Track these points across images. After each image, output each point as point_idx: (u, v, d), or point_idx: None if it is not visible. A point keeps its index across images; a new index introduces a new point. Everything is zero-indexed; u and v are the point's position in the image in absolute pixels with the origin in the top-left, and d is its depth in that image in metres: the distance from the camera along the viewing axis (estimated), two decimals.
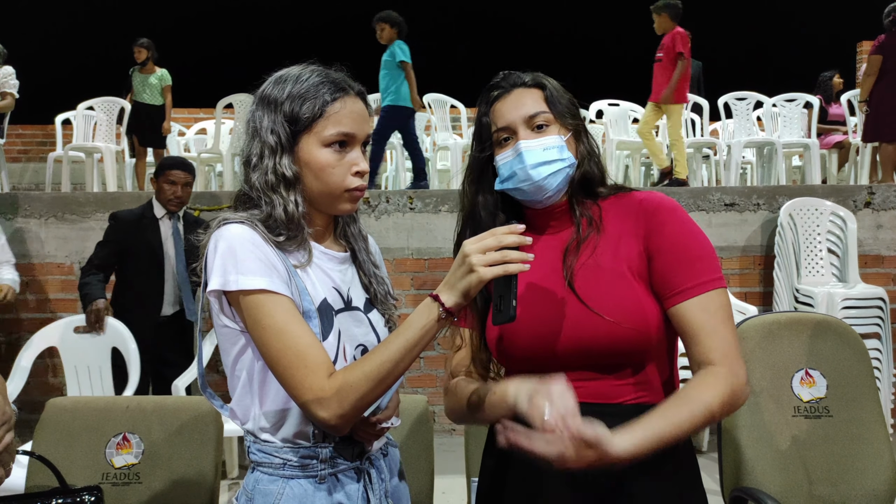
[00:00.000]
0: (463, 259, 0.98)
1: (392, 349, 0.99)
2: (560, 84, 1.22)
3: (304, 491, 1.08)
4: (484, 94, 1.21)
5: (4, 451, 0.80)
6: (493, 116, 1.19)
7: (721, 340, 1.06)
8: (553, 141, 1.15)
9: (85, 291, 3.12)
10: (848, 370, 1.71)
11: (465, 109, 6.68)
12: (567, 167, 1.15)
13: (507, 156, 1.16)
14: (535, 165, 1.13)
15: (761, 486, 1.61)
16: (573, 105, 1.21)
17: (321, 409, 0.98)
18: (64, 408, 1.73)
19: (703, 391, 1.03)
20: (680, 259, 1.10)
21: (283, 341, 1.00)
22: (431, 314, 0.98)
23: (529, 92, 1.18)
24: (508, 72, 1.22)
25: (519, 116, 1.16)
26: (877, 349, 3.78)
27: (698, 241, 1.12)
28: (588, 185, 1.20)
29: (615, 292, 1.10)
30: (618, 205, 1.19)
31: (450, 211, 4.12)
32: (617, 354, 1.09)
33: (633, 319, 1.08)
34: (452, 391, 1.23)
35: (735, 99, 6.06)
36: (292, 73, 1.11)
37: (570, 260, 1.14)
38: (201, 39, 10.72)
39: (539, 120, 1.15)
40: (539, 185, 1.14)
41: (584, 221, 1.17)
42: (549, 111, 1.16)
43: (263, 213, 1.08)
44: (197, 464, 1.67)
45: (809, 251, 4.12)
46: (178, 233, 3.30)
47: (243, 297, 1.02)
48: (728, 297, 1.11)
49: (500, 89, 1.19)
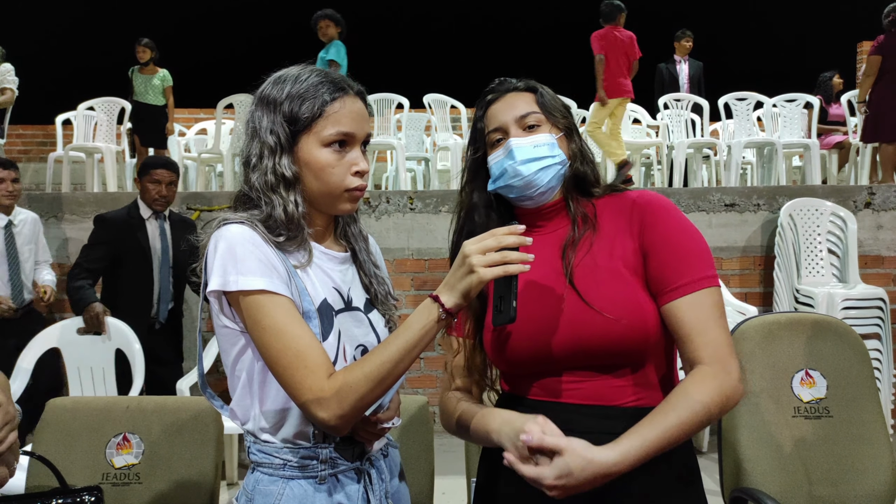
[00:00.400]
0: (463, 260, 0.98)
1: (392, 350, 0.99)
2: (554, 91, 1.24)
3: (304, 491, 1.08)
4: (479, 100, 1.24)
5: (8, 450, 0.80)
6: (486, 120, 1.21)
7: (712, 339, 1.06)
8: (544, 139, 1.16)
9: (78, 296, 3.09)
10: (848, 371, 1.71)
11: (465, 110, 6.68)
12: (558, 164, 1.16)
13: (498, 155, 1.18)
14: (525, 161, 1.14)
15: (761, 487, 1.61)
16: (565, 109, 1.23)
17: (320, 409, 0.98)
18: (64, 408, 1.73)
19: (692, 392, 1.03)
20: (673, 256, 1.10)
21: (283, 342, 1.00)
22: (431, 315, 0.99)
23: (522, 95, 1.21)
24: (503, 78, 1.25)
25: (511, 117, 1.18)
26: (877, 350, 3.78)
27: (692, 238, 1.13)
28: (581, 184, 1.21)
29: (613, 290, 1.10)
30: (612, 204, 1.19)
31: (450, 211, 4.11)
32: (615, 353, 1.09)
33: (631, 317, 1.08)
34: (444, 405, 1.25)
35: (735, 99, 6.06)
36: (291, 74, 1.11)
37: (568, 257, 1.14)
38: (201, 40, 10.72)
39: (530, 120, 1.18)
40: (528, 180, 1.15)
41: (580, 219, 1.18)
42: (541, 112, 1.19)
43: (263, 214, 1.07)
44: (197, 464, 1.67)
45: (809, 251, 4.12)
46: (164, 232, 3.31)
47: (243, 298, 1.02)
48: (721, 296, 1.11)
49: (494, 94, 1.22)
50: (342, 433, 1.05)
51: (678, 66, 6.66)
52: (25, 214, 3.56)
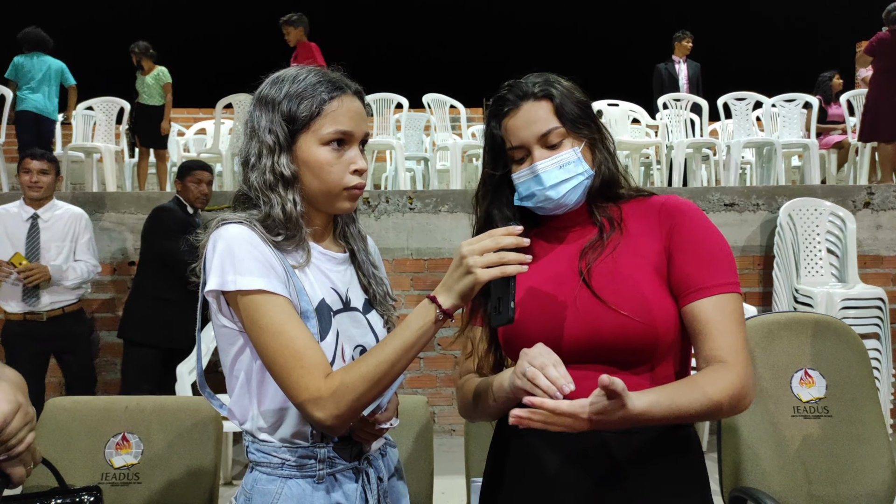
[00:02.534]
0: (460, 261, 0.98)
1: (389, 350, 0.99)
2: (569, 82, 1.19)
3: (303, 491, 1.08)
4: (493, 107, 1.20)
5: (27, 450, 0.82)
6: (505, 133, 1.17)
7: (733, 340, 1.06)
8: (568, 156, 1.14)
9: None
10: (847, 370, 1.71)
11: (465, 109, 6.68)
12: (585, 179, 1.15)
13: (523, 175, 1.16)
14: (554, 185, 1.13)
15: (761, 486, 1.61)
16: (585, 109, 1.18)
17: (317, 409, 0.98)
18: (63, 408, 1.73)
19: (712, 381, 1.03)
20: (699, 258, 1.10)
21: (280, 341, 1.00)
22: (429, 316, 0.99)
23: (539, 105, 1.15)
24: (514, 81, 1.19)
25: (531, 135, 1.14)
26: (876, 349, 3.78)
27: (718, 243, 1.12)
28: (606, 189, 1.20)
29: (629, 288, 1.10)
30: (638, 207, 1.19)
31: (449, 211, 4.12)
32: (626, 349, 1.09)
33: (644, 314, 1.07)
34: (461, 388, 1.24)
35: (734, 99, 6.06)
36: (289, 73, 1.11)
37: (588, 258, 1.14)
38: (201, 39, 10.72)
39: (553, 138, 1.14)
40: (560, 202, 1.15)
41: (606, 222, 1.17)
42: (561, 125, 1.14)
43: (262, 213, 1.08)
44: (196, 464, 1.67)
45: (809, 251, 4.12)
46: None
47: (241, 298, 1.02)
48: (742, 304, 1.11)
49: (508, 103, 1.17)
50: (339, 433, 1.05)
51: (677, 67, 6.67)
52: (64, 210, 3.47)
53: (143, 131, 6.00)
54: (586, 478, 1.08)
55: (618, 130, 6.11)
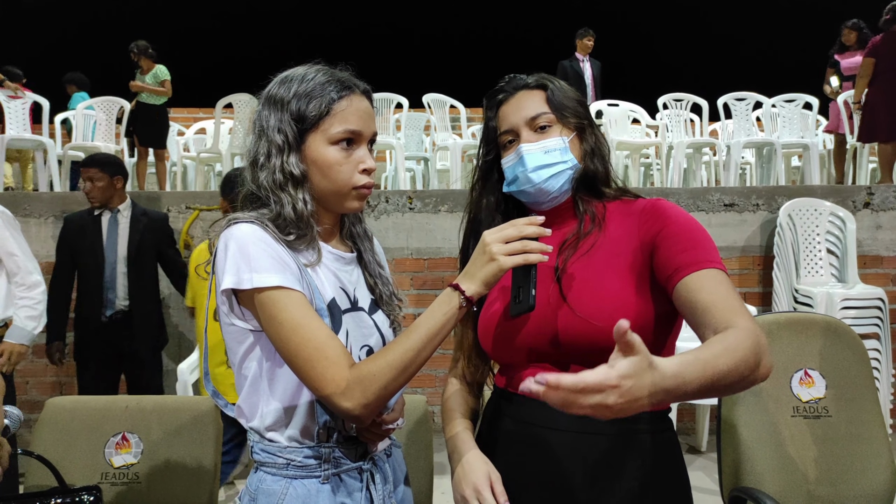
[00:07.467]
0: (483, 248, 1.00)
1: (415, 337, 1.00)
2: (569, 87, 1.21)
3: (308, 491, 1.08)
4: (490, 99, 1.23)
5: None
6: (498, 120, 1.20)
7: (730, 306, 0.96)
8: (554, 143, 1.15)
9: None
10: (847, 370, 1.71)
11: (465, 109, 6.68)
12: (568, 169, 1.16)
13: (510, 159, 1.18)
14: (536, 168, 1.14)
15: (760, 486, 1.61)
16: (578, 104, 1.20)
17: (345, 399, 0.98)
18: (63, 407, 1.73)
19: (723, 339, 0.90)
20: (683, 242, 1.06)
21: (302, 335, 0.99)
22: (452, 303, 1.01)
23: (532, 93, 1.19)
24: (513, 75, 1.23)
25: (521, 118, 1.17)
26: (876, 349, 3.78)
27: (701, 231, 1.11)
28: (591, 184, 1.19)
29: (595, 289, 1.09)
30: (622, 208, 1.18)
31: (449, 211, 4.12)
32: (588, 351, 1.06)
33: (604, 317, 1.05)
34: (443, 405, 1.29)
35: (734, 99, 6.06)
36: (298, 73, 1.11)
37: (564, 255, 1.14)
38: (201, 39, 10.72)
39: (541, 121, 1.16)
40: (540, 187, 1.15)
41: (587, 218, 1.17)
42: (551, 112, 1.17)
43: (273, 213, 1.08)
44: (196, 464, 1.67)
45: (809, 251, 4.12)
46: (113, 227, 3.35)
47: (258, 295, 1.01)
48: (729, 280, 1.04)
49: (504, 93, 1.21)
50: (366, 423, 1.06)
51: (582, 65, 6.76)
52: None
53: (142, 131, 6.00)
54: (569, 480, 1.08)
55: (618, 130, 6.12)
